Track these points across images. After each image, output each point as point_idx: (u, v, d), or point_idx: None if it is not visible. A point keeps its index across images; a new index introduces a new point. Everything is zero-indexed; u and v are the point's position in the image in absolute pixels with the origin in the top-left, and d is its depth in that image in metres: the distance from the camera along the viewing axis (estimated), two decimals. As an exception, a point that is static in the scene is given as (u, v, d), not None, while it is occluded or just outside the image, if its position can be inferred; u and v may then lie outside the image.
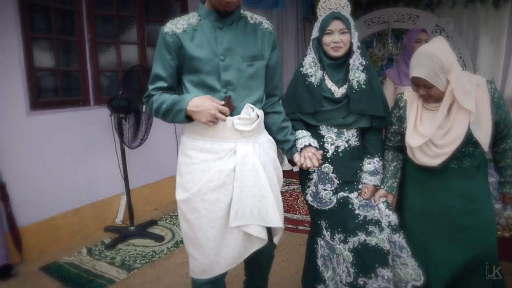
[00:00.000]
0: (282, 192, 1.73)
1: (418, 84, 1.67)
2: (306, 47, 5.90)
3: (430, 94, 1.67)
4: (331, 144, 1.91)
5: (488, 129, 1.67)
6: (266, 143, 1.74)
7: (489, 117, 1.66)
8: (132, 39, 3.65)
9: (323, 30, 1.84)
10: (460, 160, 1.72)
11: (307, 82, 1.87)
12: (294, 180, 4.73)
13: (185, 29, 1.57)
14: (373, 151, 1.94)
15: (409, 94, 1.84)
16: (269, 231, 1.76)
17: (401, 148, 1.93)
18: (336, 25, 1.81)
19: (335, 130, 1.90)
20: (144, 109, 3.18)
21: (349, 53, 1.85)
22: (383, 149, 1.97)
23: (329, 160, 1.92)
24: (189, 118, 1.55)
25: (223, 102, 1.55)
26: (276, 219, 1.63)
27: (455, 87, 1.62)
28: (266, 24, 1.72)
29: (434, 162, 1.70)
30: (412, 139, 1.73)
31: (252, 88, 1.66)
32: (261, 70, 1.68)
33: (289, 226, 3.41)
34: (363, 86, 1.83)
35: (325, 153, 1.90)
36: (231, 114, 1.59)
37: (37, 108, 3.01)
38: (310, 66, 1.88)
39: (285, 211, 3.74)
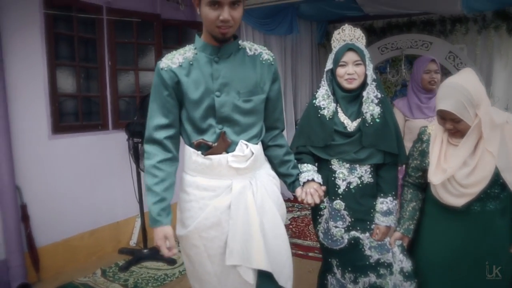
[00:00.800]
0: (294, 218, 1.71)
1: (445, 117, 1.59)
2: (321, 73, 6.03)
3: (457, 129, 1.59)
4: (343, 180, 1.86)
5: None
6: (267, 178, 1.68)
7: None
8: (150, 66, 3.83)
9: (337, 62, 1.82)
10: (483, 202, 1.61)
11: (319, 115, 1.84)
12: (307, 206, 4.77)
13: (181, 63, 1.55)
14: (387, 189, 1.87)
15: (433, 128, 1.75)
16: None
17: (422, 186, 1.83)
18: (350, 56, 1.80)
19: (347, 165, 1.85)
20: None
21: (363, 85, 1.83)
22: (403, 186, 1.88)
23: (341, 196, 1.87)
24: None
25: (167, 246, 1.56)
26: (260, 261, 1.55)
27: (484, 123, 1.55)
28: (266, 55, 1.67)
29: (459, 202, 1.61)
30: (435, 176, 1.64)
31: (249, 124, 1.62)
32: (260, 104, 1.63)
33: (299, 252, 3.45)
34: (377, 120, 1.79)
35: (336, 189, 1.87)
36: (227, 151, 1.58)
37: (58, 132, 3.18)
38: (324, 98, 1.85)
39: (296, 237, 3.79)
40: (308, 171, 1.78)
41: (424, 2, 4.60)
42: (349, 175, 1.86)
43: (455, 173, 1.59)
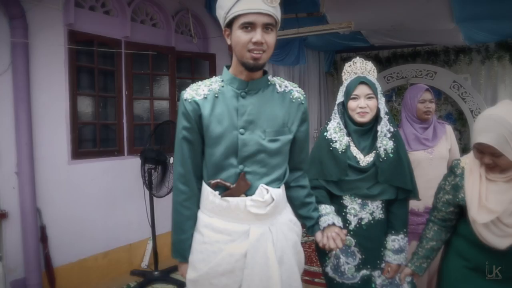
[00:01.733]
0: (301, 243, 1.69)
1: (484, 151, 1.52)
2: (329, 101, 6.28)
3: (496, 164, 1.52)
4: (354, 216, 1.84)
5: None
6: (287, 225, 1.58)
7: None
8: (164, 95, 4.10)
9: (348, 95, 1.82)
10: None
11: (331, 148, 1.83)
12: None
13: (206, 95, 1.50)
14: (398, 226, 1.84)
15: (467, 161, 1.67)
16: None
17: (451, 222, 1.75)
18: (362, 90, 1.79)
19: (359, 201, 1.83)
20: (171, 161, 3.53)
21: (375, 119, 1.83)
22: (428, 221, 1.81)
23: (352, 232, 1.84)
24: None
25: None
26: None
27: None
28: (297, 92, 1.59)
29: (503, 243, 1.52)
30: (480, 215, 1.54)
31: (273, 166, 1.52)
32: (286, 145, 1.55)
33: (306, 278, 3.57)
34: (391, 155, 1.79)
35: (347, 224, 1.84)
36: (246, 194, 1.49)
37: (77, 157, 3.42)
38: (335, 131, 1.85)
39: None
40: (328, 214, 1.71)
41: (427, 35, 4.84)
42: (361, 210, 1.84)
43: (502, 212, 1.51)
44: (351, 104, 1.82)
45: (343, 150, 1.82)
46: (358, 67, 1.87)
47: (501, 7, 3.78)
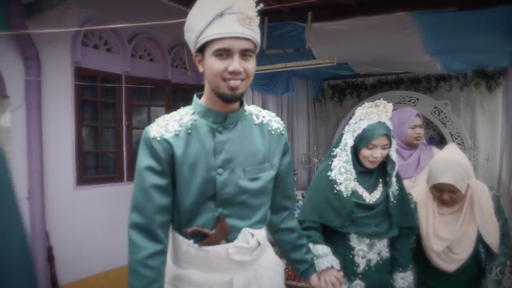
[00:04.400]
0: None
1: (443, 189, 1.82)
2: (317, 126, 6.82)
3: (453, 199, 1.83)
4: (362, 258, 1.81)
5: (497, 232, 1.88)
6: (271, 268, 1.51)
7: (496, 222, 1.88)
8: (160, 124, 4.61)
9: (364, 142, 1.78)
10: (469, 265, 1.88)
11: (335, 191, 1.80)
12: None
13: (178, 132, 1.35)
14: (405, 263, 1.87)
15: (418, 197, 1.98)
16: None
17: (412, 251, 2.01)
18: (381, 141, 1.77)
19: (367, 241, 1.82)
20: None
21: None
22: None
23: (360, 276, 1.81)
24: None
25: None
26: None
27: (475, 192, 1.84)
28: (275, 123, 1.49)
29: (452, 267, 1.85)
30: (435, 245, 1.85)
31: (255, 207, 1.43)
32: (269, 183, 1.45)
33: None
34: (396, 195, 1.85)
35: (355, 268, 1.82)
36: (226, 239, 1.38)
37: (81, 183, 3.91)
38: (340, 173, 1.82)
39: (291, 278, 4.33)
40: (326, 256, 1.68)
41: (407, 65, 5.41)
42: (369, 251, 1.82)
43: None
44: (365, 152, 1.80)
45: (349, 195, 1.79)
46: (380, 110, 1.80)
47: (473, 41, 4.35)
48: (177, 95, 4.87)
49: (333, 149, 1.91)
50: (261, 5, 1.28)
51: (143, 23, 3.24)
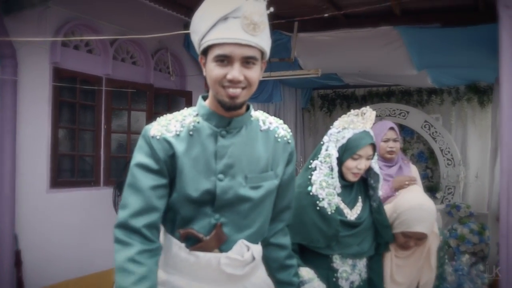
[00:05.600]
0: None
1: (412, 236, 1.81)
2: (305, 137, 6.84)
3: (417, 245, 1.86)
4: (346, 280, 1.76)
5: (432, 276, 1.97)
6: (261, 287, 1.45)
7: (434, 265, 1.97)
8: (141, 129, 4.59)
9: (349, 153, 1.73)
10: None
11: (318, 208, 1.72)
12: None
13: (179, 132, 1.32)
14: (380, 283, 1.84)
15: None
16: None
17: None
18: (367, 151, 1.73)
19: (350, 261, 1.77)
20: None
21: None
22: None
23: None
24: None
25: None
26: None
27: (432, 236, 1.90)
28: (282, 130, 1.44)
29: None
30: None
31: (255, 218, 1.38)
32: (271, 193, 1.41)
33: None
34: (376, 208, 1.84)
35: None
36: (220, 249, 1.34)
37: (55, 186, 3.92)
38: (322, 187, 1.73)
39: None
40: (312, 281, 1.59)
41: (397, 77, 5.46)
42: (352, 272, 1.78)
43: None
44: (350, 163, 1.74)
45: (333, 211, 1.72)
46: (366, 118, 1.78)
47: (458, 58, 4.40)
48: (159, 100, 4.89)
49: (311, 161, 1.84)
50: (272, 9, 1.25)
51: (146, 35, 3.38)
